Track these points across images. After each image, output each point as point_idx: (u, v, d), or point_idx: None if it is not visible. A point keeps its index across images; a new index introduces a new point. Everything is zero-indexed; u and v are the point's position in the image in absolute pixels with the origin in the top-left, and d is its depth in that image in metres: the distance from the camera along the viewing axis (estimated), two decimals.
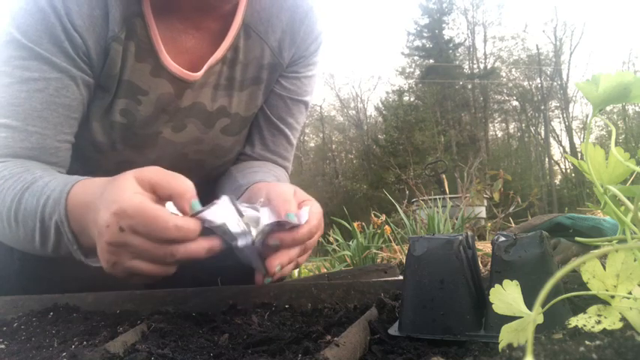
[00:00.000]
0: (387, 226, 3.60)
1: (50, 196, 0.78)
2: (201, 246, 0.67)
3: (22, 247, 0.87)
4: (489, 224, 4.46)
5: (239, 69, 1.06)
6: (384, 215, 4.00)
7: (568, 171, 26.95)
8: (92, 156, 1.03)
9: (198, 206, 0.68)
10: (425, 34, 29.57)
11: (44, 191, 0.79)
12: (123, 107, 0.99)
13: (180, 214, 0.68)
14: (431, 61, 29.03)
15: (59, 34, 0.89)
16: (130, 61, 0.96)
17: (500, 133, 30.31)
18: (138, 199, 0.65)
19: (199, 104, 1.05)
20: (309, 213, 0.77)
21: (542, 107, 27.45)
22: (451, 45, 29.30)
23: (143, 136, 1.03)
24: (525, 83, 28.74)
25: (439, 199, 3.87)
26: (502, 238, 0.56)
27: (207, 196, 0.99)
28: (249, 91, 1.10)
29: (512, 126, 29.89)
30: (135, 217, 0.64)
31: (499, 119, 29.87)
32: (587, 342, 0.30)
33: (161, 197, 0.69)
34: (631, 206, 0.46)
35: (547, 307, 0.40)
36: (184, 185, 0.68)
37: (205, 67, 1.01)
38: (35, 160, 0.90)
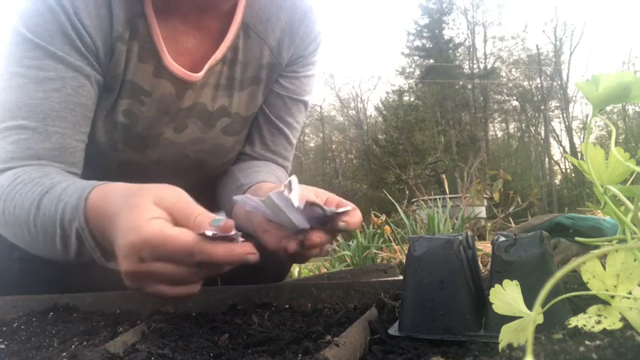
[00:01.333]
0: (387, 226, 3.59)
1: (68, 202, 0.76)
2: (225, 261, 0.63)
3: (42, 253, 0.85)
4: (489, 224, 4.45)
5: (239, 69, 1.06)
6: (384, 215, 3.99)
7: (568, 171, 26.95)
8: (93, 155, 1.03)
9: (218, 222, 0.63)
10: (425, 34, 29.57)
11: (61, 197, 0.77)
12: (126, 108, 0.99)
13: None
14: (431, 61, 29.02)
15: (70, 33, 0.88)
16: (133, 62, 0.96)
17: (500, 133, 30.35)
18: (157, 227, 0.61)
19: (200, 104, 1.05)
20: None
21: (542, 107, 27.44)
22: (451, 45, 29.30)
23: (145, 137, 1.03)
24: (525, 83, 28.76)
25: (439, 199, 3.86)
26: (502, 238, 0.56)
27: (207, 196, 0.99)
28: (249, 90, 1.10)
29: (512, 126, 29.94)
30: (156, 246, 0.60)
31: (499, 119, 29.90)
32: (587, 342, 0.30)
33: (178, 220, 0.65)
34: (631, 206, 0.46)
35: (547, 307, 0.40)
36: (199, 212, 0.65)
37: (206, 68, 1.01)
38: (56, 160, 0.89)
